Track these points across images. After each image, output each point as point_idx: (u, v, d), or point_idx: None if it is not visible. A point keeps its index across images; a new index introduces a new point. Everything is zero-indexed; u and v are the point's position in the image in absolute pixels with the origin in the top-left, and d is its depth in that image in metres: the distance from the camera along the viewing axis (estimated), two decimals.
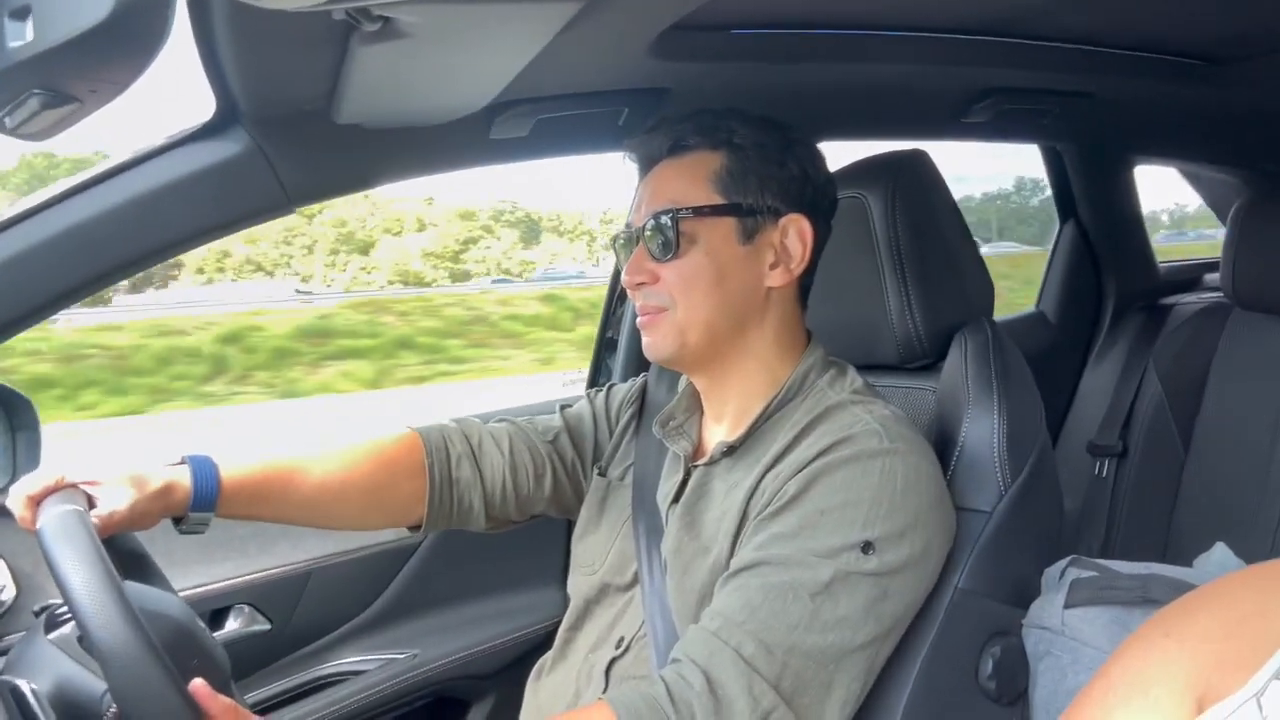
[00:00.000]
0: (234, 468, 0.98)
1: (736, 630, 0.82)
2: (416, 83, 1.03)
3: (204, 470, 0.96)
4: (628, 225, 1.02)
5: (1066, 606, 0.93)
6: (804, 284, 1.03)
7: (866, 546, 0.84)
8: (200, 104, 1.10)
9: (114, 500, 0.89)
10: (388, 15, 0.80)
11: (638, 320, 1.01)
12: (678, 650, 0.86)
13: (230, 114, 1.11)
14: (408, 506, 1.09)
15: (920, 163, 1.14)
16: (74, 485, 0.88)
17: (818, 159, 1.02)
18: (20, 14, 0.42)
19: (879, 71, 1.31)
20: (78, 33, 0.40)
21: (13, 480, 1.24)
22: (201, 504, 0.95)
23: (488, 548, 1.51)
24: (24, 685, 0.76)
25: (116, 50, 0.41)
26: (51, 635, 0.80)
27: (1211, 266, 2.11)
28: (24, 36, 0.42)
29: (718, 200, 0.96)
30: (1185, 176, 2.43)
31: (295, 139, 1.14)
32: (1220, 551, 0.95)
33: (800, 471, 0.89)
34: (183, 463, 0.96)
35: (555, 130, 1.27)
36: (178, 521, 0.96)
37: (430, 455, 1.09)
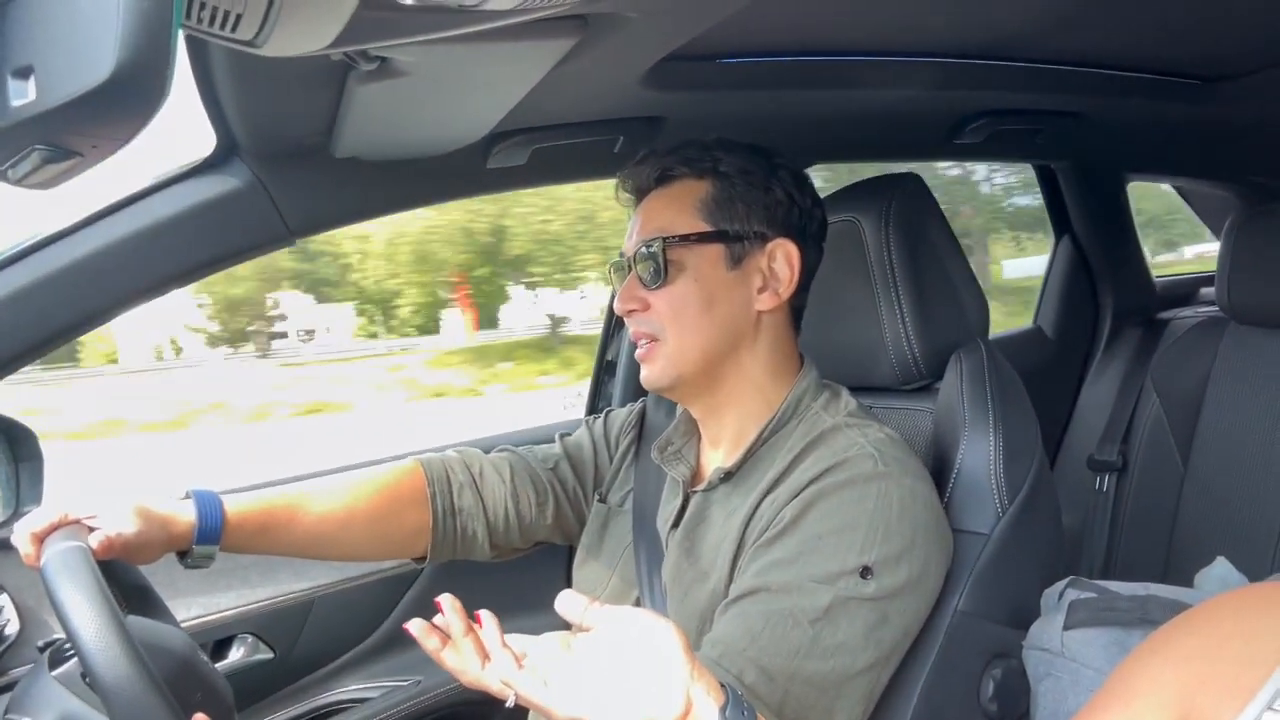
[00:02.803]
0: (238, 500, 0.98)
1: (738, 657, 0.82)
2: (413, 118, 1.05)
3: (208, 503, 0.95)
4: (621, 254, 1.04)
5: (1066, 628, 0.93)
6: (795, 307, 1.04)
7: (865, 571, 0.85)
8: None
9: (118, 524, 0.88)
10: (384, 56, 0.82)
11: (636, 353, 1.02)
12: None
13: (230, 149, 1.13)
14: (411, 537, 1.10)
15: (913, 185, 1.15)
16: (78, 521, 0.89)
17: (804, 184, 1.03)
18: (23, 74, 0.43)
19: (871, 96, 1.32)
20: (80, 93, 0.41)
21: (16, 512, 1.25)
22: (206, 537, 0.95)
23: (489, 574, 1.51)
24: None
25: (117, 108, 0.42)
26: (56, 672, 0.80)
27: (1207, 281, 2.11)
28: (26, 95, 0.43)
29: (704, 227, 0.98)
30: (1178, 191, 2.44)
31: (295, 173, 1.15)
32: (1221, 566, 0.95)
33: (796, 497, 0.89)
34: (187, 497, 0.96)
35: (552, 159, 1.29)
36: (183, 556, 0.96)
37: (432, 485, 1.10)
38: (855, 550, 0.85)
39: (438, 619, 0.84)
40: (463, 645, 0.75)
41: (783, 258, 0.99)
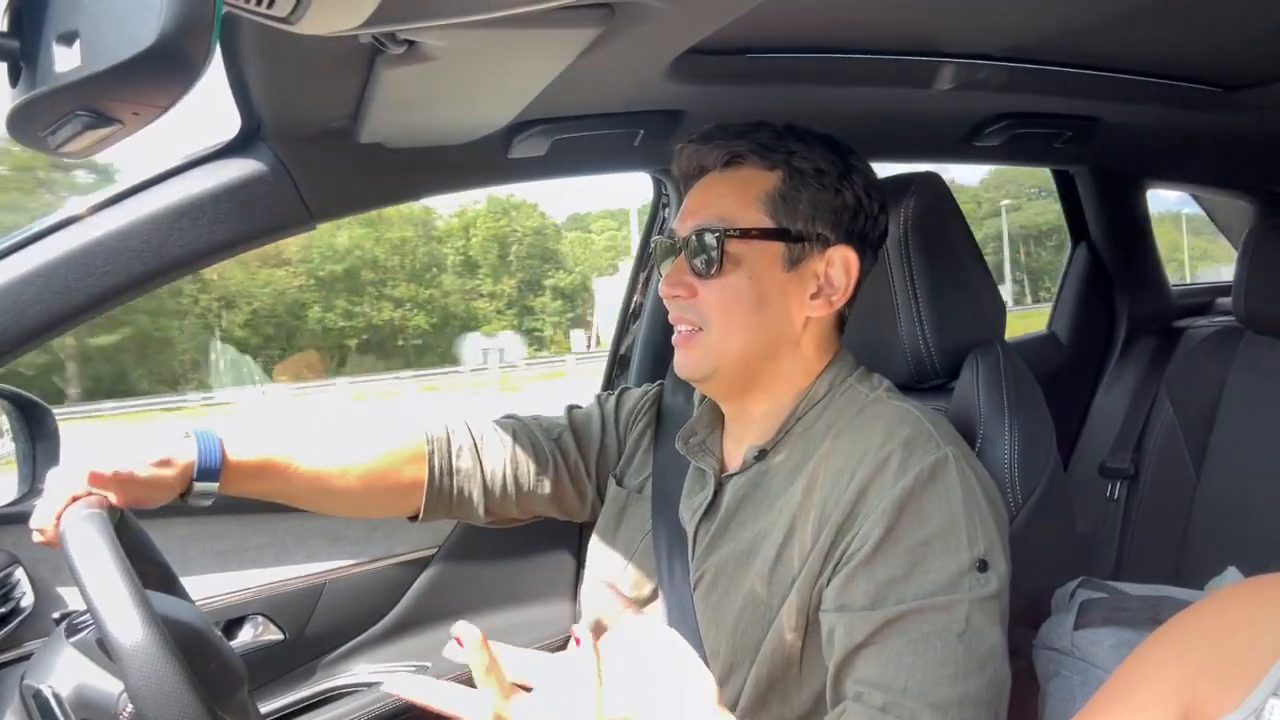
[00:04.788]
0: (239, 443, 1.00)
1: (902, 698, 0.78)
2: (439, 104, 1.05)
3: (208, 443, 0.97)
4: (671, 232, 1.00)
5: (1076, 628, 0.94)
6: (842, 314, 1.00)
7: (981, 564, 0.82)
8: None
9: (128, 464, 0.91)
10: (413, 39, 0.82)
11: (674, 337, 0.99)
12: None
13: (255, 131, 1.14)
14: (407, 493, 1.10)
15: (934, 184, 1.15)
16: (90, 493, 0.90)
17: (874, 187, 0.99)
18: (68, 39, 0.44)
19: (892, 95, 1.32)
20: (124, 58, 0.42)
21: (33, 489, 1.26)
22: (205, 474, 0.96)
23: (501, 560, 1.52)
24: (45, 688, 0.78)
25: (161, 75, 0.43)
26: (72, 640, 0.81)
27: (1224, 290, 2.11)
28: (72, 61, 0.44)
29: (766, 223, 0.94)
30: (1196, 199, 2.44)
31: (318, 156, 1.16)
32: (1232, 576, 0.94)
33: (867, 490, 0.85)
34: (188, 436, 0.98)
35: (572, 150, 1.30)
36: (183, 495, 0.97)
37: (431, 443, 1.10)
38: (965, 545, 0.83)
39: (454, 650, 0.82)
40: (486, 682, 0.75)
41: (841, 265, 0.95)
